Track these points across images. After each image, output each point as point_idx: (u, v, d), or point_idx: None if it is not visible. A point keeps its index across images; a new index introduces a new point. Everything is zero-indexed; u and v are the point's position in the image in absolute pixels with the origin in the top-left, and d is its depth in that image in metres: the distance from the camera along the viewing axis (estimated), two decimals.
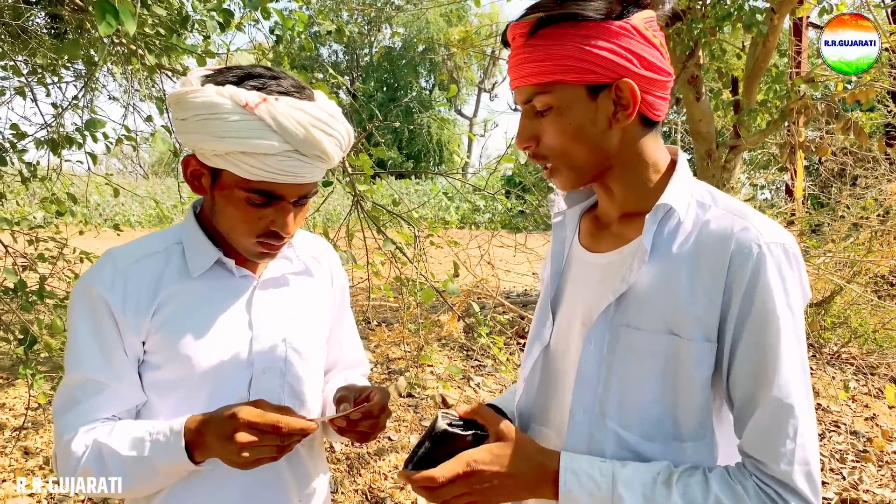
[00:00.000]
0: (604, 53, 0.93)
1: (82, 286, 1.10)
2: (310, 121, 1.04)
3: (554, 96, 0.96)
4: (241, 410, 0.98)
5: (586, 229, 1.14)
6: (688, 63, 4.93)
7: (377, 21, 28.28)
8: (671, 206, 0.96)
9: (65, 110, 2.89)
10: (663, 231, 0.98)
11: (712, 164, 5.14)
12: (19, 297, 2.60)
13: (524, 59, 0.96)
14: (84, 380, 1.08)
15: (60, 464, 1.08)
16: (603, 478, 0.93)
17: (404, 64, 32.52)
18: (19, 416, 3.23)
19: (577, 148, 0.98)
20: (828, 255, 5.66)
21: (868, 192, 6.27)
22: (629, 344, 0.98)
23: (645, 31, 0.95)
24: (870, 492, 3.63)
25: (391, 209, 3.00)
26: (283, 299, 1.24)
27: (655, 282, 0.96)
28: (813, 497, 0.89)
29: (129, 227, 12.51)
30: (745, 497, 0.90)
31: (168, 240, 1.18)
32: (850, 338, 5.67)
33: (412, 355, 4.21)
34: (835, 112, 4.49)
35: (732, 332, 0.92)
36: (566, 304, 1.10)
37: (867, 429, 4.38)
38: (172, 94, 1.09)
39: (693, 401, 0.95)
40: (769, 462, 0.90)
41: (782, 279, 0.91)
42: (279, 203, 1.09)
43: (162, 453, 1.03)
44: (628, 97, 0.95)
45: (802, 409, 0.90)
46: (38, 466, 2.96)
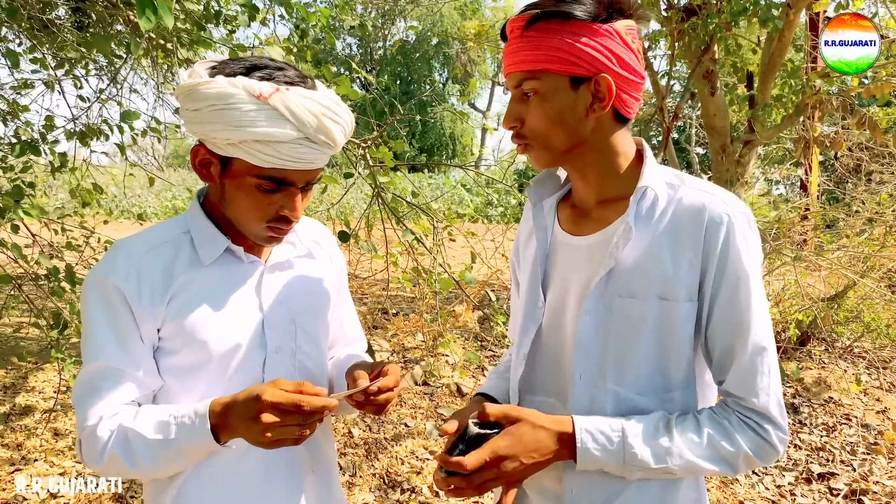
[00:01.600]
0: (587, 50, 1.05)
1: (96, 278, 1.13)
2: (320, 109, 1.10)
3: (541, 83, 1.08)
4: (265, 392, 1.00)
5: (566, 217, 1.25)
6: (703, 58, 4.96)
7: (391, 14, 28.26)
8: (650, 187, 1.10)
9: (93, 102, 2.98)
10: (642, 210, 1.11)
11: (726, 158, 5.17)
12: (51, 283, 2.68)
13: (518, 48, 1.09)
14: (104, 368, 1.11)
15: (86, 450, 1.11)
16: (613, 432, 1.06)
17: (418, 57, 32.49)
18: (48, 399, 3.33)
19: (555, 131, 1.11)
20: (842, 249, 5.67)
21: (883, 187, 6.26)
22: (622, 312, 1.10)
23: (625, 36, 1.08)
24: (880, 483, 3.67)
25: (410, 201, 3.07)
26: (290, 282, 1.29)
27: (641, 254, 1.09)
28: (782, 421, 1.08)
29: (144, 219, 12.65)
30: (731, 429, 1.07)
31: (175, 229, 1.21)
32: (862, 332, 5.68)
33: (428, 345, 4.29)
34: (850, 107, 4.50)
35: (710, 290, 1.07)
36: (555, 285, 1.21)
37: (878, 422, 4.41)
38: (183, 84, 1.12)
39: (680, 355, 1.10)
40: (749, 397, 1.07)
41: (747, 242, 1.06)
42: (288, 189, 1.14)
43: (188, 436, 1.07)
44: (605, 91, 1.08)
45: (771, 350, 1.07)
46: (67, 447, 3.06)
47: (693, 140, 7.55)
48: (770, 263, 5.49)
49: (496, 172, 8.32)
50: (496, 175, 8.02)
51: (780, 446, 1.07)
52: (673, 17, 4.87)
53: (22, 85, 3.34)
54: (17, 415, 3.18)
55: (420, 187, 16.91)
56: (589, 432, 1.06)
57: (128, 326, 1.12)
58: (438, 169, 25.13)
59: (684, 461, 1.05)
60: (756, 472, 3.80)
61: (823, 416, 4.46)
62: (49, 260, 2.58)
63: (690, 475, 1.11)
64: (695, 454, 1.06)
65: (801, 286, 5.37)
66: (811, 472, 3.79)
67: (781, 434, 1.07)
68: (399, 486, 3.22)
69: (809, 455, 4.00)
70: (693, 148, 7.49)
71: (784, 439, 1.08)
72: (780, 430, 1.07)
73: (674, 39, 4.98)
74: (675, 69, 5.60)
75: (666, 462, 1.05)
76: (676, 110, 5.03)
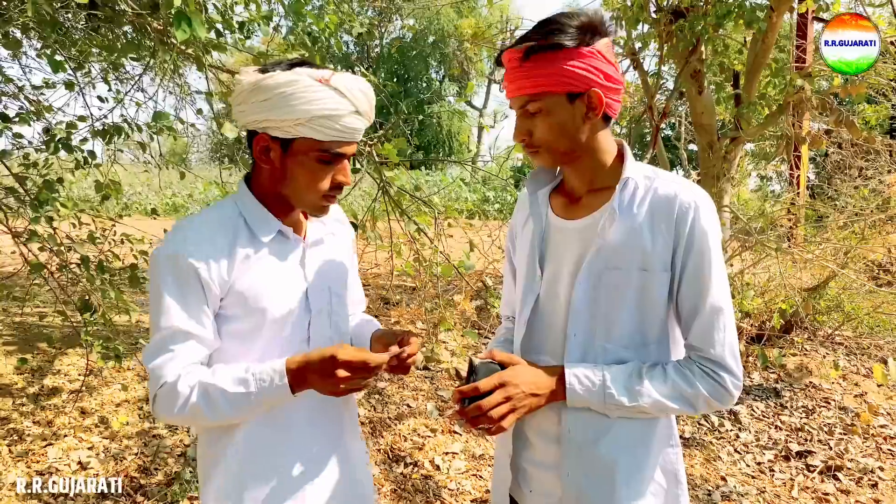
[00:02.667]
0: (578, 71, 1.28)
1: (167, 254, 1.30)
2: (361, 87, 1.36)
3: (543, 102, 1.31)
4: (338, 353, 1.24)
5: (558, 205, 1.49)
6: (690, 58, 5.14)
7: (388, 12, 28.39)
8: (631, 178, 1.35)
9: (118, 104, 3.19)
10: (625, 198, 1.35)
11: (713, 154, 5.37)
12: (82, 271, 2.90)
13: (520, 76, 1.31)
14: (176, 331, 1.28)
15: (166, 404, 1.28)
16: (596, 378, 1.32)
17: (415, 55, 32.59)
18: (74, 381, 3.55)
19: (560, 139, 1.35)
20: (826, 242, 5.88)
21: (868, 183, 6.47)
22: (609, 281, 1.34)
23: (606, 52, 1.31)
24: (854, 460, 3.89)
25: (414, 194, 3.28)
26: (324, 255, 1.53)
27: (625, 234, 1.33)
28: (737, 370, 1.31)
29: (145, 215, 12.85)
30: (693, 377, 1.31)
31: (230, 212, 1.40)
32: (843, 321, 5.90)
33: (429, 331, 4.51)
34: (828, 106, 4.71)
35: (680, 262, 1.31)
36: (551, 262, 1.45)
37: (856, 405, 4.63)
38: (247, 83, 1.32)
39: (655, 316, 1.35)
40: (707, 348, 1.30)
41: (710, 224, 1.30)
42: (340, 160, 1.37)
43: (267, 390, 1.28)
44: (596, 102, 1.31)
45: (728, 311, 1.31)
46: (94, 424, 3.28)
47: (682, 137, 7.76)
48: (755, 255, 5.72)
49: (493, 170, 8.53)
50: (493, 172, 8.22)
51: (735, 391, 1.31)
52: (662, 19, 5.06)
53: (45, 86, 3.54)
54: (45, 395, 3.40)
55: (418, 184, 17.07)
56: (576, 376, 1.32)
57: (197, 296, 1.31)
58: (435, 166, 25.31)
59: (653, 400, 1.30)
60: (738, 450, 4.03)
61: (804, 400, 4.69)
62: (83, 247, 2.80)
63: (660, 413, 1.33)
64: (661, 395, 1.30)
65: (784, 277, 5.59)
66: (790, 450, 4.02)
67: (735, 380, 1.30)
68: (402, 461, 3.44)
69: (789, 435, 4.23)
70: (682, 145, 7.70)
71: (738, 385, 1.31)
72: (734, 377, 1.30)
73: (662, 41, 5.17)
74: (664, 69, 5.79)
75: (637, 401, 1.30)
76: (665, 109, 5.22)
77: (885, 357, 5.46)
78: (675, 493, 1.41)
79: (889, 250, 5.73)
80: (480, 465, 3.57)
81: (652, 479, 1.38)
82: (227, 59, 3.53)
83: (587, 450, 1.36)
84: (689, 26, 4.85)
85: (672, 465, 1.41)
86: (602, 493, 1.35)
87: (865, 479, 3.69)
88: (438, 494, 3.28)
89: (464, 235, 4.00)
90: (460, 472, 3.46)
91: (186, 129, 3.49)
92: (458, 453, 3.63)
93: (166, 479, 3.04)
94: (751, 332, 5.34)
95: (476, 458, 3.64)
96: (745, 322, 5.30)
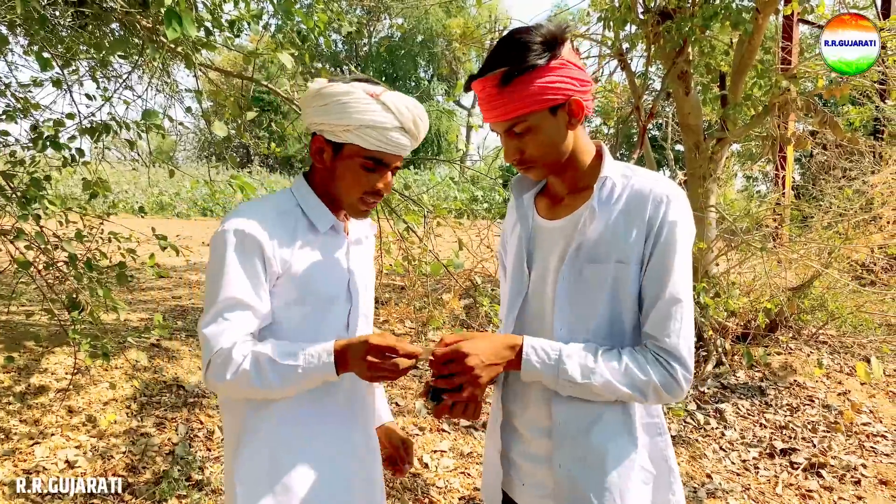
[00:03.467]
0: (555, 84, 1.33)
1: (234, 231, 1.41)
2: (413, 107, 1.50)
3: (528, 122, 1.36)
4: (371, 338, 1.34)
5: (542, 206, 1.55)
6: (677, 59, 5.18)
7: (377, 11, 28.38)
8: (609, 176, 1.39)
9: (106, 102, 3.18)
10: (603, 195, 1.39)
11: (700, 155, 5.40)
12: (69, 269, 2.89)
13: (502, 102, 1.34)
14: (235, 301, 1.39)
15: (216, 369, 1.37)
16: (553, 351, 1.35)
17: (403, 54, 32.59)
18: (61, 380, 3.53)
19: (550, 152, 1.40)
20: (811, 242, 5.95)
21: (852, 183, 6.54)
22: (590, 275, 1.38)
23: (571, 58, 1.35)
24: (837, 458, 3.94)
25: (403, 193, 3.29)
26: (362, 252, 1.68)
27: (604, 229, 1.37)
28: (689, 363, 1.32)
29: (132, 213, 12.77)
30: (646, 362, 1.33)
31: (288, 202, 1.55)
32: (827, 320, 5.97)
33: (417, 330, 4.53)
34: (813, 107, 4.76)
35: (649, 254, 1.34)
36: (538, 261, 1.50)
37: (839, 403, 4.69)
38: (313, 89, 1.51)
39: (629, 309, 1.38)
40: (663, 337, 1.32)
41: (680, 217, 1.33)
42: (383, 169, 1.51)
43: (315, 365, 1.37)
44: (577, 109, 1.37)
45: (687, 304, 1.33)
46: (81, 423, 3.27)
47: (669, 138, 7.81)
48: (741, 255, 5.77)
49: (482, 169, 8.55)
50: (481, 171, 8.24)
51: (685, 384, 1.32)
52: (649, 20, 5.09)
53: (33, 83, 3.52)
54: (32, 394, 3.38)
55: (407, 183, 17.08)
56: (533, 348, 1.35)
57: (258, 271, 1.42)
58: (424, 165, 25.31)
59: (604, 381, 1.31)
60: (723, 448, 4.07)
61: (788, 398, 4.74)
62: (72, 245, 2.79)
63: (611, 396, 1.34)
64: (613, 377, 1.31)
65: (769, 277, 5.64)
66: (774, 447, 4.07)
67: (686, 373, 1.32)
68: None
69: (773, 433, 4.28)
70: (669, 145, 7.75)
71: (688, 379, 1.33)
72: (685, 370, 1.32)
73: (650, 42, 5.20)
74: (651, 70, 5.83)
75: (589, 379, 1.31)
76: (652, 109, 5.25)
77: (868, 355, 5.52)
78: (669, 481, 1.44)
79: (872, 250, 5.79)
80: (468, 463, 3.59)
81: (642, 467, 1.40)
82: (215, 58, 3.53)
83: (578, 440, 1.38)
84: (676, 27, 4.88)
85: (662, 453, 1.44)
86: (593, 482, 1.37)
87: (848, 476, 3.74)
88: (427, 492, 3.30)
89: (453, 234, 4.02)
90: (448, 470, 3.47)
91: (175, 127, 3.48)
92: (446, 451, 3.64)
93: (154, 477, 3.04)
94: (736, 330, 5.39)
95: (464, 456, 3.66)
96: (730, 321, 5.35)
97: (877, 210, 5.81)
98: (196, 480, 3.09)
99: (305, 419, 1.51)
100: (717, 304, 5.07)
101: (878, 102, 7.98)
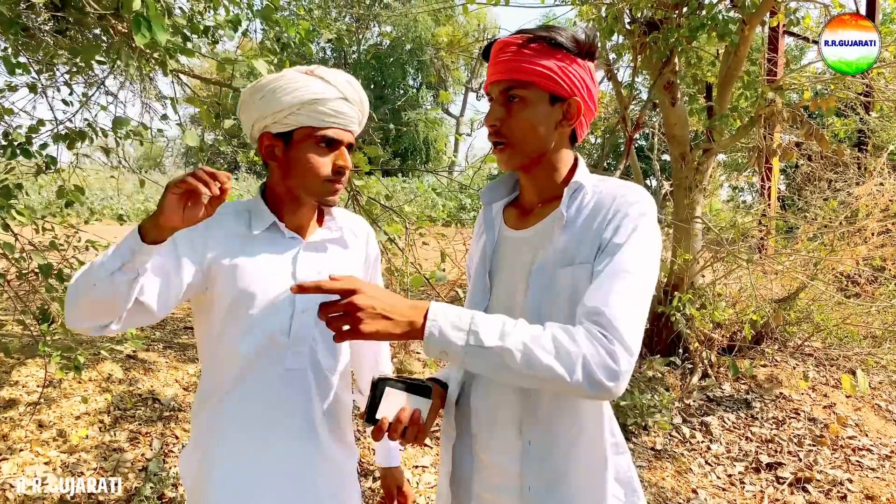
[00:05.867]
0: (568, 76, 1.30)
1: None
2: (350, 79, 1.51)
3: (528, 92, 1.31)
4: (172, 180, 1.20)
5: (510, 217, 1.48)
6: (664, 70, 5.18)
7: (365, 19, 28.36)
8: (581, 182, 1.33)
9: (81, 107, 3.10)
10: (574, 203, 1.33)
11: (686, 165, 5.39)
12: (39, 279, 2.80)
13: (513, 59, 1.30)
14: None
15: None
16: (465, 315, 1.16)
17: (392, 62, 32.59)
18: (32, 393, 3.43)
19: (530, 136, 1.33)
20: (796, 254, 5.94)
21: (837, 195, 6.56)
22: (561, 281, 1.28)
23: (594, 73, 1.35)
24: (823, 472, 3.91)
25: (384, 203, 3.23)
26: (322, 260, 1.58)
27: (573, 233, 1.30)
28: (631, 342, 1.11)
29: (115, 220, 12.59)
30: (575, 333, 1.12)
31: (241, 207, 1.55)
32: (812, 332, 5.96)
33: (400, 343, 4.46)
34: (799, 119, 4.76)
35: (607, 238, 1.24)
36: (504, 272, 1.41)
37: (825, 416, 4.66)
38: (244, 92, 1.51)
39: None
40: (601, 307, 1.13)
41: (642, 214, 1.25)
42: (337, 146, 1.48)
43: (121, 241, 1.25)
44: (574, 112, 1.33)
45: (637, 278, 1.18)
46: (51, 438, 3.17)
47: (656, 148, 7.82)
48: (727, 266, 5.76)
49: (465, 179, 8.52)
50: (468, 180, 8.21)
51: (624, 365, 1.09)
52: (636, 30, 5.10)
53: (7, 88, 3.44)
54: (1, 408, 3.28)
55: (394, 191, 17.03)
56: (443, 310, 1.15)
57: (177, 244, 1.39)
58: (412, 173, 25.27)
59: (522, 346, 1.10)
60: (709, 462, 4.03)
61: (774, 411, 4.71)
62: (41, 256, 2.71)
63: (528, 370, 1.10)
64: (533, 343, 1.10)
65: (755, 288, 5.63)
66: (760, 462, 4.03)
67: (626, 354, 1.10)
68: (371, 475, 3.38)
69: (759, 447, 4.24)
70: (655, 155, 7.75)
71: (629, 361, 1.10)
72: (626, 351, 1.10)
73: (636, 52, 5.20)
74: (637, 80, 5.83)
75: (504, 341, 1.11)
76: (639, 120, 5.25)
77: (854, 368, 5.52)
78: (633, 502, 1.37)
79: (857, 262, 5.79)
80: None
81: (613, 495, 1.33)
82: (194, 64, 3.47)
83: (547, 462, 1.30)
84: (663, 38, 4.89)
85: (626, 474, 1.37)
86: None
87: (834, 490, 3.71)
88: None
89: (440, 243, 3.96)
90: (430, 487, 3.40)
91: (152, 134, 3.41)
92: (427, 467, 3.57)
93: (126, 494, 2.95)
94: (722, 342, 5.36)
95: None
96: (716, 333, 5.33)
97: (861, 222, 5.82)
98: (169, 498, 3.00)
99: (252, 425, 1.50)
100: (702, 316, 5.05)
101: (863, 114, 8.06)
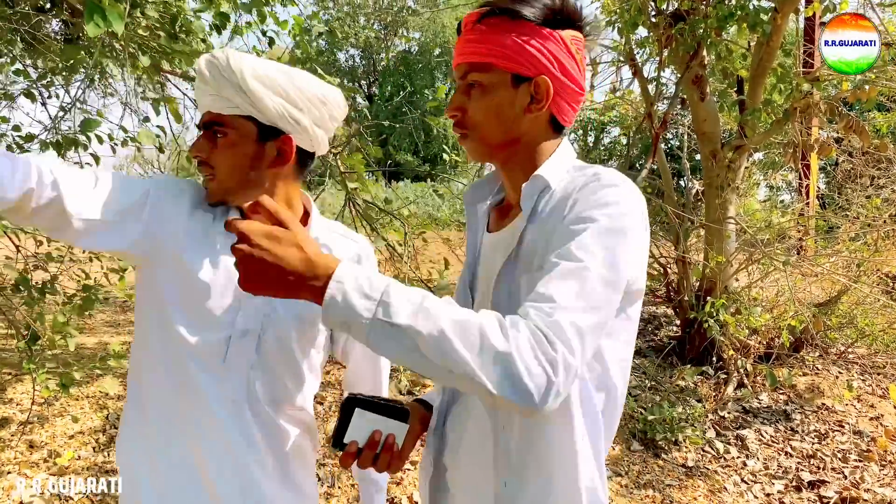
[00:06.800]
0: (531, 50, 1.10)
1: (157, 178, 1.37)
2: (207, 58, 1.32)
3: (485, 76, 1.13)
4: None
5: (493, 219, 1.30)
6: (691, 63, 4.93)
7: (393, 26, 28.42)
8: (543, 176, 1.12)
9: (66, 112, 2.98)
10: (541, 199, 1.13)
11: (717, 164, 5.13)
12: (23, 294, 2.68)
13: (468, 41, 1.14)
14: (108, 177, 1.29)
15: None
16: (380, 282, 0.94)
17: (420, 68, 32.60)
18: (25, 411, 3.32)
19: (491, 124, 1.15)
20: (837, 255, 5.64)
21: (881, 192, 6.23)
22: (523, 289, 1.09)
23: (570, 45, 1.13)
24: (871, 490, 3.62)
25: (382, 207, 3.06)
26: None
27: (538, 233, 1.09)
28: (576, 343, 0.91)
29: None
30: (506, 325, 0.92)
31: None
32: (856, 338, 5.63)
33: None
34: (838, 111, 4.47)
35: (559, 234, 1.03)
36: (482, 281, 1.24)
37: (872, 429, 4.36)
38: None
39: None
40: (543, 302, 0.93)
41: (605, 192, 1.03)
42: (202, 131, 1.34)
43: None
44: (543, 92, 1.12)
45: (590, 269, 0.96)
46: (42, 459, 3.05)
47: (685, 146, 7.53)
48: (763, 269, 5.47)
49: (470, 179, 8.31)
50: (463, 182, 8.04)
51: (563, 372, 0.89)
52: (661, 22, 4.86)
53: (2, 96, 3.35)
54: None
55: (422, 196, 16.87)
56: (353, 273, 0.94)
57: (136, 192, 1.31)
58: (440, 178, 25.15)
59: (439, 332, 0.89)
60: (745, 480, 3.75)
61: (816, 423, 4.42)
62: (14, 270, 2.58)
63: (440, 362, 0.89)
64: (454, 329, 0.89)
65: (793, 292, 5.33)
66: (801, 479, 3.75)
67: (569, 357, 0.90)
68: None
69: (800, 462, 3.96)
70: (685, 154, 7.47)
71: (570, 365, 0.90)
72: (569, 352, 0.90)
73: (662, 45, 4.96)
74: (664, 75, 5.58)
75: (418, 320, 0.90)
76: (665, 116, 5.00)
77: None
78: None
79: None
80: None
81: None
82: None
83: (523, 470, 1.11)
84: (690, 30, 4.64)
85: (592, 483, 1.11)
86: None
87: None
88: None
89: (445, 247, 3.77)
90: None
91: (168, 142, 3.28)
92: None
93: None
94: (758, 350, 5.08)
95: None
96: (752, 340, 5.05)
97: None
98: None
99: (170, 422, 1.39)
100: (737, 322, 4.78)
101: None
